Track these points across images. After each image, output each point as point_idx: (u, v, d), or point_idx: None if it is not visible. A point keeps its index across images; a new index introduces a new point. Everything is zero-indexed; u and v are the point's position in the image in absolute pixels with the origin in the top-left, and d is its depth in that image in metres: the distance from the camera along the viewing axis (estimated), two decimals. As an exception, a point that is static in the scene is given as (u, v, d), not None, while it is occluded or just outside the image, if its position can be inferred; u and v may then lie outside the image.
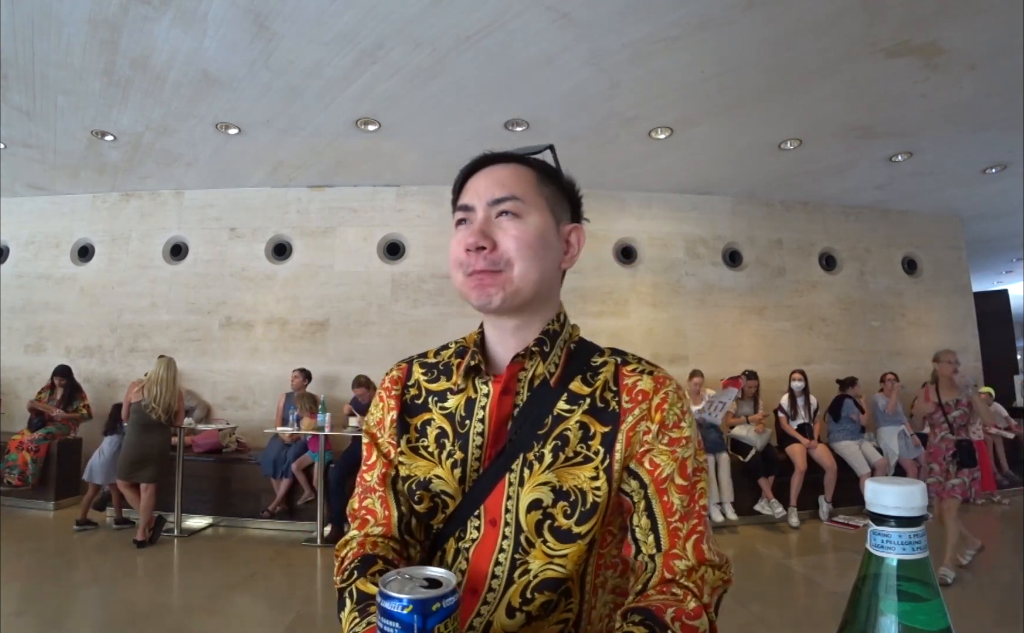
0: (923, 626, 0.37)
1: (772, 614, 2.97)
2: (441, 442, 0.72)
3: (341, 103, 4.19)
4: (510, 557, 0.66)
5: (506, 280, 0.68)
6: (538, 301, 0.72)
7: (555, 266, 0.73)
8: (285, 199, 5.90)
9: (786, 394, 5.35)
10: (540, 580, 0.65)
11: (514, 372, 0.71)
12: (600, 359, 0.73)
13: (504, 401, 0.70)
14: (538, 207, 0.71)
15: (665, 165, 5.36)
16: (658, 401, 0.68)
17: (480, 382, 0.73)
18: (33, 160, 5.18)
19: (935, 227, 6.74)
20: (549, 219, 0.72)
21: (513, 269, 0.68)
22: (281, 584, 3.55)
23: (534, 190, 0.72)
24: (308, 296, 5.78)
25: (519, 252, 0.68)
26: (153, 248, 5.94)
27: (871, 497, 0.40)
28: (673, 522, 0.64)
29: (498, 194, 0.70)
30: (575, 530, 0.65)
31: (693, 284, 6.09)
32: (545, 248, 0.71)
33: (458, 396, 0.73)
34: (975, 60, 3.65)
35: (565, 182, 0.77)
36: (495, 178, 0.72)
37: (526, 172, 0.73)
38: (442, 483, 0.70)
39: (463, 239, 0.70)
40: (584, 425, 0.68)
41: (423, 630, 0.44)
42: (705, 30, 3.36)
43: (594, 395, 0.70)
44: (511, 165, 0.73)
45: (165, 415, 4.28)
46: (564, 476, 0.66)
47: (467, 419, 0.71)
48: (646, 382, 0.69)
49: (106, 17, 3.22)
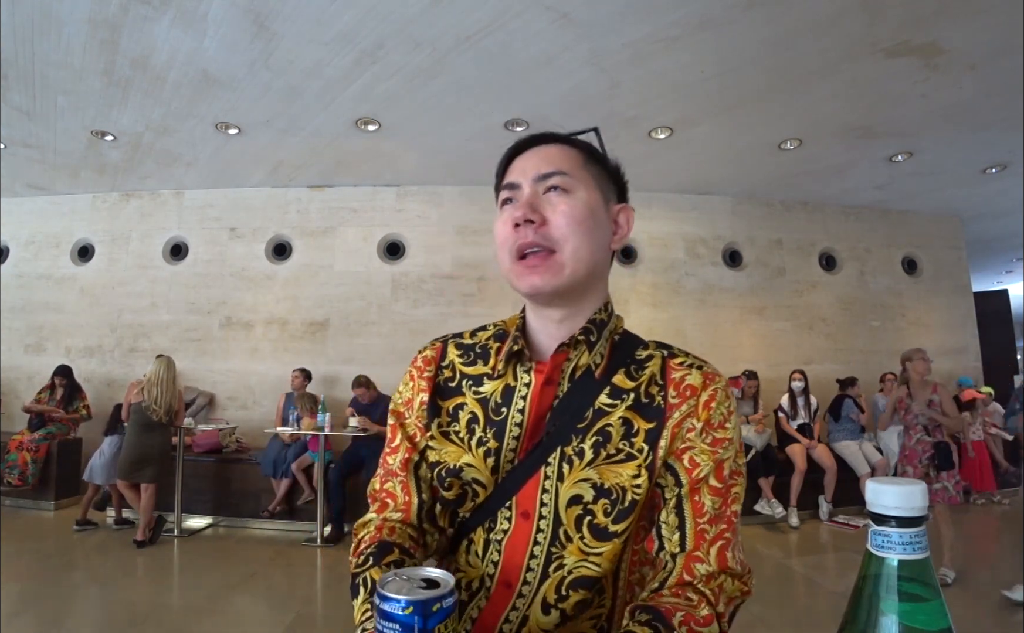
0: (924, 626, 0.37)
1: (772, 614, 2.97)
2: (472, 427, 0.69)
3: (341, 103, 4.19)
4: (546, 550, 0.64)
5: (558, 264, 0.65)
6: (588, 286, 0.69)
7: (606, 245, 0.71)
8: (285, 199, 5.90)
9: (786, 394, 5.35)
10: (575, 578, 0.63)
11: (558, 362, 0.68)
12: (646, 352, 0.71)
13: (546, 392, 0.68)
14: (586, 184, 0.69)
15: (665, 165, 5.36)
16: (706, 398, 0.66)
17: (522, 370, 0.70)
18: (33, 160, 5.18)
19: (935, 227, 6.74)
20: (597, 196, 0.70)
21: (565, 247, 0.66)
22: (281, 584, 3.55)
23: (581, 167, 0.70)
24: (308, 296, 5.78)
25: (570, 227, 0.66)
26: (153, 248, 5.94)
27: (872, 497, 0.40)
28: (701, 523, 0.62)
29: (545, 170, 0.68)
30: (612, 528, 0.63)
31: (693, 284, 6.09)
32: (596, 224, 0.68)
33: (496, 382, 0.70)
34: (975, 60, 3.65)
35: (611, 164, 0.76)
36: (541, 156, 0.70)
37: (572, 151, 0.71)
38: (474, 471, 0.67)
39: (509, 217, 0.67)
40: (627, 421, 0.65)
41: (423, 631, 0.44)
42: (705, 30, 3.36)
43: (639, 390, 0.67)
44: (557, 144, 0.72)
45: (166, 416, 4.28)
46: (606, 474, 0.64)
47: (503, 407, 0.68)
48: (695, 377, 0.67)
49: (106, 17, 3.22)
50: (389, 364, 5.50)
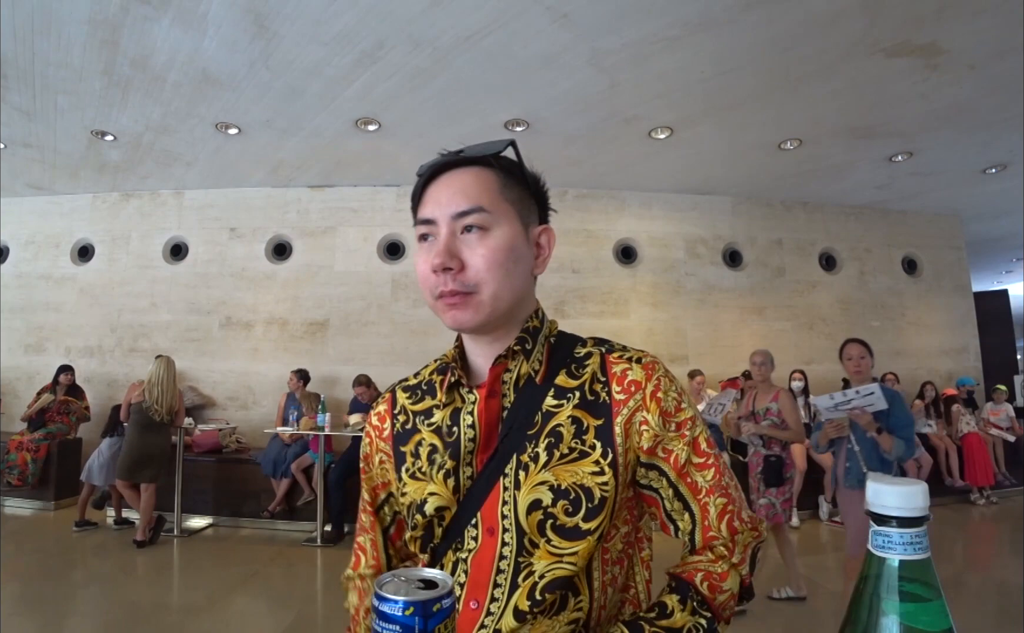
0: (925, 627, 0.37)
1: (773, 614, 2.97)
2: (432, 458, 0.69)
3: (341, 103, 4.19)
4: (512, 562, 0.64)
5: (477, 303, 0.64)
6: (514, 310, 0.69)
7: (527, 275, 0.70)
8: (285, 199, 5.90)
9: (786, 394, 5.34)
10: (548, 581, 0.63)
11: (497, 374, 0.68)
12: (584, 350, 0.71)
13: (491, 404, 0.68)
14: (506, 216, 0.66)
15: (665, 165, 5.36)
16: (651, 389, 0.66)
17: (465, 392, 0.70)
18: (33, 160, 5.18)
19: (935, 227, 6.74)
20: (518, 227, 0.67)
21: (484, 290, 0.64)
22: (281, 584, 3.55)
23: (499, 197, 0.66)
24: (308, 296, 5.78)
25: (490, 272, 0.64)
26: (153, 248, 5.94)
27: (872, 497, 0.40)
28: (702, 499, 0.66)
29: (462, 206, 0.64)
30: (583, 526, 0.63)
31: (693, 284, 6.09)
32: (516, 261, 0.66)
33: (444, 410, 0.71)
34: (975, 60, 3.65)
35: (530, 179, 0.72)
36: (457, 186, 0.66)
37: (489, 176, 0.67)
38: (436, 499, 0.67)
39: (429, 257, 0.65)
40: (577, 420, 0.66)
41: (423, 632, 0.44)
42: (705, 30, 3.36)
43: (583, 387, 0.67)
44: (472, 169, 0.67)
45: (168, 415, 4.29)
46: (561, 474, 0.64)
47: (454, 426, 0.69)
48: (636, 372, 0.67)
49: (106, 17, 3.22)
50: (389, 364, 5.50)
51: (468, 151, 0.69)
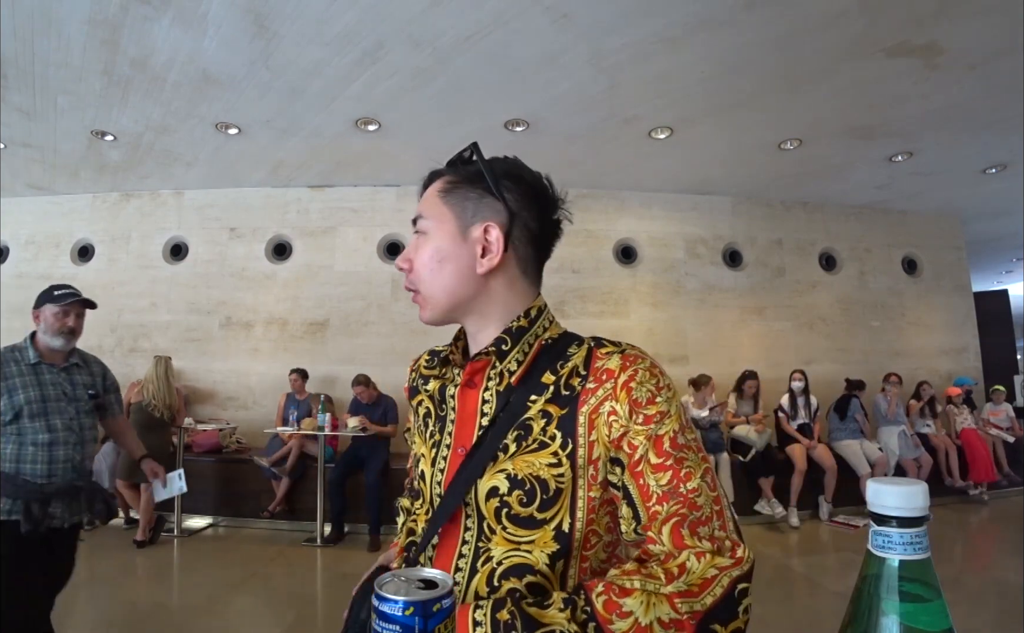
0: (925, 627, 0.37)
1: (772, 614, 2.97)
2: (426, 421, 0.77)
3: (341, 103, 4.19)
4: (473, 547, 0.66)
5: (423, 300, 0.73)
6: (469, 308, 0.72)
7: (466, 273, 0.70)
8: (285, 199, 5.90)
9: (786, 394, 5.35)
10: (506, 567, 0.64)
11: (475, 368, 0.71)
12: (576, 349, 0.70)
13: (467, 393, 0.72)
14: (440, 219, 0.72)
15: (665, 165, 5.36)
16: (624, 379, 0.64)
17: (455, 372, 0.76)
18: (33, 160, 5.18)
19: (935, 227, 6.74)
20: (451, 229, 0.71)
21: (423, 289, 0.72)
22: (281, 584, 3.55)
23: (438, 203, 0.72)
24: (308, 296, 5.78)
25: (423, 272, 0.72)
26: (153, 248, 5.94)
27: (872, 497, 0.40)
28: (651, 505, 0.60)
29: (415, 215, 0.74)
30: (537, 516, 0.63)
31: (693, 284, 6.09)
32: (442, 262, 0.71)
33: (435, 382, 0.77)
34: (975, 60, 3.65)
35: (491, 177, 0.70)
36: (421, 198, 0.75)
37: (438, 184, 0.74)
38: (423, 461, 0.74)
39: None
40: (546, 413, 0.66)
41: (423, 632, 0.44)
42: (705, 30, 3.36)
43: (559, 382, 0.67)
44: (433, 182, 0.75)
45: (168, 412, 4.29)
46: (519, 464, 0.64)
47: (443, 403, 0.75)
48: (614, 361, 0.66)
49: (106, 17, 3.22)
50: (389, 364, 5.50)
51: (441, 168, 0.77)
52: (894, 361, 6.14)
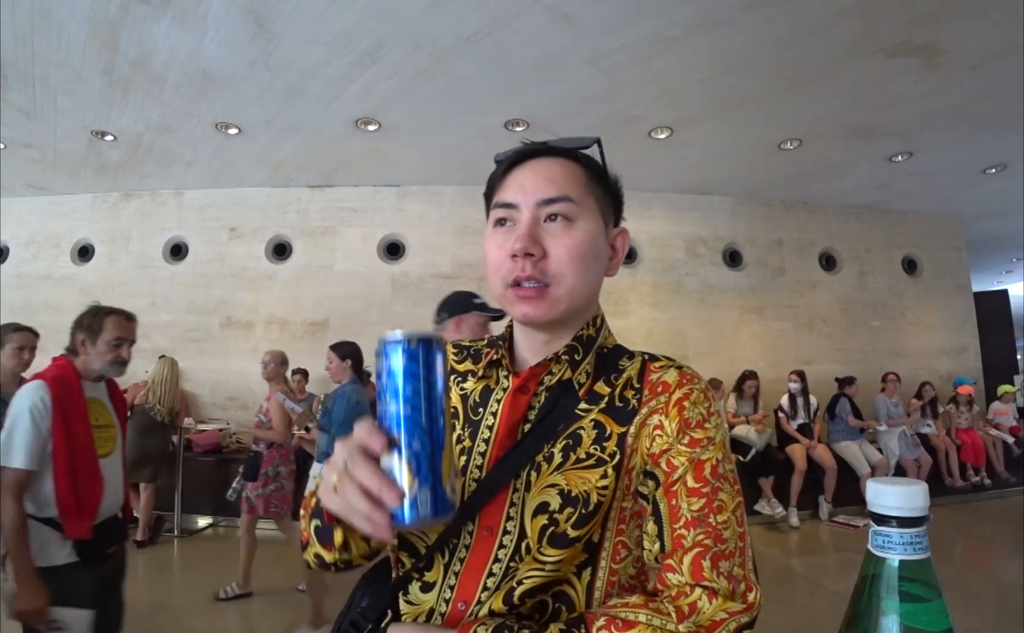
0: (925, 627, 0.37)
1: (772, 614, 2.97)
2: (452, 423, 0.68)
3: (341, 103, 4.19)
4: (505, 567, 0.59)
5: (553, 298, 0.62)
6: (580, 312, 0.67)
7: (601, 275, 0.68)
8: (285, 199, 5.90)
9: (786, 394, 5.35)
10: (527, 588, 0.58)
11: (536, 373, 0.66)
12: (628, 361, 0.68)
13: (518, 400, 0.65)
14: (590, 210, 0.65)
15: (665, 165, 5.36)
16: (679, 396, 0.62)
17: (503, 375, 0.68)
18: (33, 160, 5.18)
19: (935, 227, 6.74)
20: (599, 224, 0.66)
21: (563, 284, 0.62)
22: (281, 584, 3.55)
23: (585, 190, 0.65)
24: (308, 296, 5.78)
25: (571, 264, 0.62)
26: (153, 248, 5.93)
27: (873, 498, 0.40)
28: (678, 528, 0.57)
29: (549, 193, 0.62)
30: (571, 534, 0.59)
31: (693, 284, 6.09)
32: (596, 257, 0.65)
33: (478, 382, 0.70)
34: (975, 60, 3.65)
35: (611, 180, 0.70)
36: (544, 174, 0.64)
37: (576, 169, 0.66)
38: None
39: (506, 243, 0.63)
40: (599, 424, 0.62)
41: (429, 361, 0.47)
42: (705, 30, 3.36)
43: (613, 393, 0.64)
44: (560, 159, 0.66)
45: (168, 415, 4.29)
46: (573, 479, 0.60)
47: (480, 407, 0.67)
48: (671, 375, 0.64)
49: (106, 17, 3.22)
50: (389, 364, 5.49)
51: (555, 143, 0.68)
52: (894, 361, 6.14)
